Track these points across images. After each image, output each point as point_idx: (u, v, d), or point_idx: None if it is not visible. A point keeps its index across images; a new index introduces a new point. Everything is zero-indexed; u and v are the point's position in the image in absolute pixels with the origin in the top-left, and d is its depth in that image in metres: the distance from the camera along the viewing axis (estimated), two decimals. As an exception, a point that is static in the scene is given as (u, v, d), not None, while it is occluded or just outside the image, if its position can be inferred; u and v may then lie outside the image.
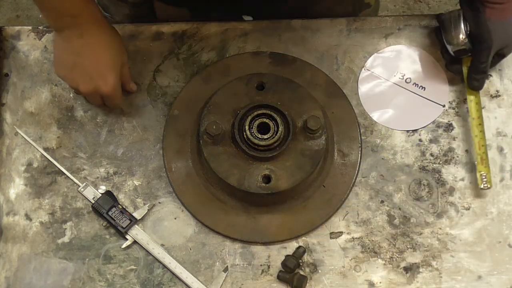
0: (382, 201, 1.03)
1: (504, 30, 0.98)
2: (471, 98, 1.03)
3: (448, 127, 1.06)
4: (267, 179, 0.95)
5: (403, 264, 1.00)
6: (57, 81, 1.07)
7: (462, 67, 1.04)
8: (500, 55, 1.02)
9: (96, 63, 0.96)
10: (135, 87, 1.05)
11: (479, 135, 1.02)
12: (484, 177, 1.00)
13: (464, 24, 0.99)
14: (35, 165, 1.04)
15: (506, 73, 1.08)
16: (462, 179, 1.04)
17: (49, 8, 0.94)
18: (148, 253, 1.00)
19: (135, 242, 1.00)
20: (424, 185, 1.03)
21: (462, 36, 0.99)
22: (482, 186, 1.01)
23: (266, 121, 0.96)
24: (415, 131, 1.06)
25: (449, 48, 1.02)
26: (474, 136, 1.02)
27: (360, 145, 1.04)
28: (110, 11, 1.24)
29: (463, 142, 1.05)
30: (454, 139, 1.05)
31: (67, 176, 1.03)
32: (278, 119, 0.96)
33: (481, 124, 1.02)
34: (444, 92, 1.07)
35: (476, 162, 1.01)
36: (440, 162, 1.04)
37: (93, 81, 0.96)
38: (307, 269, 1.00)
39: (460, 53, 1.01)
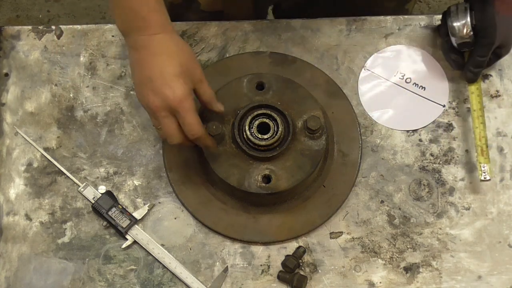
0: (382, 201, 1.03)
1: (509, 26, 0.98)
2: (472, 90, 1.03)
3: (448, 127, 1.06)
4: (267, 179, 0.95)
5: (403, 264, 1.00)
6: (57, 81, 1.07)
7: (461, 59, 1.04)
8: (496, 55, 1.02)
9: (161, 72, 0.87)
10: (222, 108, 0.94)
11: (480, 127, 1.02)
12: (484, 168, 1.00)
13: (470, 17, 0.99)
14: (35, 165, 1.04)
15: (506, 73, 1.08)
16: (462, 179, 1.04)
17: (124, 6, 0.88)
18: (148, 253, 1.00)
19: (135, 242, 1.00)
20: (424, 185, 1.03)
21: (467, 29, 1.00)
22: (482, 178, 1.00)
23: (266, 121, 0.96)
24: (415, 131, 1.06)
25: (453, 40, 1.02)
26: (475, 128, 1.02)
27: (360, 145, 1.04)
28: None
29: (463, 142, 1.05)
30: (454, 139, 1.05)
31: (67, 176, 1.03)
32: (278, 119, 0.96)
33: (482, 115, 1.02)
34: (444, 92, 1.08)
35: (476, 154, 1.01)
36: (440, 162, 1.04)
37: (159, 91, 0.86)
38: (307, 269, 1.00)
39: (463, 45, 1.01)
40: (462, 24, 1.00)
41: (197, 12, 1.15)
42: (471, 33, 1.00)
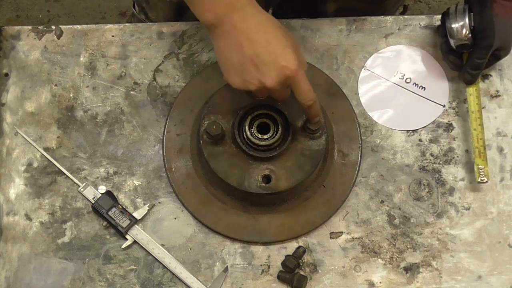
0: (382, 201, 1.03)
1: (507, 29, 0.98)
2: (470, 91, 1.03)
3: (448, 127, 1.06)
4: (267, 179, 0.95)
5: (403, 264, 1.00)
6: (57, 81, 1.07)
7: (459, 60, 1.04)
8: (495, 57, 1.02)
9: (269, 43, 0.81)
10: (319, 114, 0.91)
11: (478, 129, 1.02)
12: (481, 170, 1.00)
13: (469, 19, 0.99)
14: (35, 165, 1.04)
15: (506, 73, 1.08)
16: (462, 179, 1.04)
17: None
18: (148, 253, 1.00)
19: (135, 242, 1.00)
20: (424, 185, 1.03)
21: (465, 31, 1.00)
22: (479, 180, 1.00)
23: (266, 121, 0.96)
24: (415, 131, 1.06)
25: (452, 41, 1.02)
26: (473, 130, 1.02)
27: (360, 145, 1.04)
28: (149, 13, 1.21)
29: (463, 142, 1.05)
30: (454, 139, 1.05)
31: (67, 176, 1.03)
32: (278, 119, 0.96)
33: (480, 117, 1.02)
34: (444, 92, 1.08)
35: (474, 156, 1.01)
36: (440, 162, 1.04)
37: (274, 66, 0.81)
38: (307, 269, 1.00)
39: (462, 47, 1.01)
40: (461, 26, 1.00)
41: None
42: (470, 35, 1.00)
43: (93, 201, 1.01)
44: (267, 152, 0.95)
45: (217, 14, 0.83)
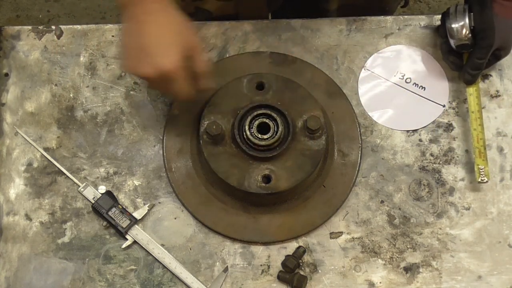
0: (382, 201, 1.03)
1: (508, 29, 0.98)
2: (470, 91, 1.03)
3: (448, 127, 1.06)
4: (267, 179, 0.95)
5: (403, 264, 1.00)
6: (57, 81, 1.07)
7: (459, 60, 1.04)
8: (495, 56, 1.02)
9: (158, 39, 0.88)
10: (213, 84, 0.97)
11: (478, 129, 1.02)
12: (482, 170, 1.00)
13: (469, 19, 0.99)
14: (35, 165, 1.04)
15: (506, 73, 1.08)
16: (462, 179, 1.04)
17: None
18: (148, 253, 1.00)
19: (135, 242, 1.00)
20: (424, 185, 1.03)
21: (465, 31, 1.00)
22: (479, 180, 1.00)
23: (266, 121, 0.96)
24: (415, 131, 1.06)
25: (452, 42, 1.02)
26: (473, 130, 1.02)
27: (360, 145, 1.04)
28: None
29: (463, 142, 1.05)
30: (454, 139, 1.05)
31: (67, 176, 1.03)
32: (278, 119, 0.96)
33: (480, 117, 1.02)
34: (444, 92, 1.08)
35: (474, 156, 1.01)
36: (440, 162, 1.04)
37: (153, 59, 0.87)
38: (307, 269, 1.00)
39: (462, 47, 1.02)
40: (461, 26, 1.00)
41: (209, 20, 1.14)
42: (470, 35, 1.00)
43: (93, 201, 1.01)
44: (267, 152, 0.95)
45: (127, 3, 0.89)
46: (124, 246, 1.00)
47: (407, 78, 1.08)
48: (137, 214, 1.01)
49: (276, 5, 1.22)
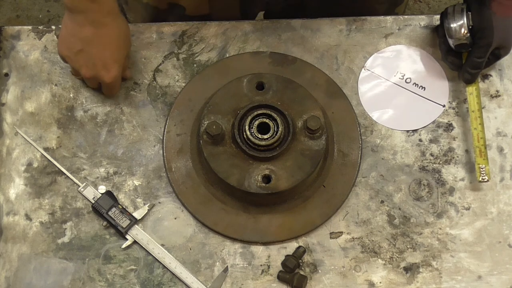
0: (382, 201, 1.03)
1: (507, 28, 0.98)
2: (470, 91, 1.03)
3: (448, 127, 1.06)
4: (267, 179, 0.95)
5: (403, 264, 1.00)
6: (57, 81, 1.07)
7: (458, 60, 1.04)
8: (495, 56, 1.02)
9: (103, 53, 0.97)
10: (130, 75, 1.07)
11: (478, 128, 1.02)
12: (482, 169, 1.00)
13: (467, 18, 0.99)
14: (35, 165, 1.04)
15: (506, 73, 1.08)
16: (462, 179, 1.04)
17: None
18: (148, 253, 1.00)
19: (135, 242, 1.00)
20: (424, 185, 1.03)
21: (464, 30, 1.00)
22: (480, 179, 1.00)
23: (266, 121, 0.96)
24: (415, 131, 1.06)
25: (450, 41, 1.02)
26: (473, 129, 1.02)
27: (360, 145, 1.04)
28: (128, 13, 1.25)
29: (463, 142, 1.05)
30: (454, 139, 1.05)
31: (67, 176, 1.03)
32: (278, 119, 0.96)
33: (480, 117, 1.02)
34: (444, 92, 1.08)
35: (474, 155, 1.01)
36: (440, 162, 1.04)
37: (96, 68, 0.98)
38: (307, 269, 1.00)
39: (460, 47, 1.02)
40: (459, 26, 1.00)
41: (183, 17, 1.14)
42: (468, 34, 1.00)
43: (93, 201, 1.01)
44: (267, 152, 0.95)
45: (75, 6, 0.95)
46: (124, 246, 1.00)
47: (407, 78, 1.08)
48: (137, 214, 1.01)
49: (252, 11, 1.21)
